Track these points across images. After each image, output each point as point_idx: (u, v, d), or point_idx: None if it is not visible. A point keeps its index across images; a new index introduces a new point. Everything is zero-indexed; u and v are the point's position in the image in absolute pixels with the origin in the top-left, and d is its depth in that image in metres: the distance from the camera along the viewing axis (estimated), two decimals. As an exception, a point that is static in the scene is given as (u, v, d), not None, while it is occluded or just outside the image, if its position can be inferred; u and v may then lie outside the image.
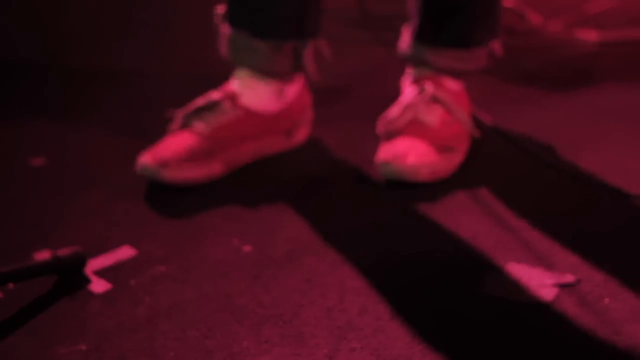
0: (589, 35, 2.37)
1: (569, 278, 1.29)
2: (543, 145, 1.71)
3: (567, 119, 1.84)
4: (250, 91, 1.66)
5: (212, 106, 1.63)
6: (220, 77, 1.69)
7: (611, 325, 1.20)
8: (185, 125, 1.62)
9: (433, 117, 1.62)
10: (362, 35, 2.34)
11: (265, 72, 1.66)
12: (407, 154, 1.56)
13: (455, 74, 1.68)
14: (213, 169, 1.60)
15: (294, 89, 1.70)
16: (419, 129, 1.60)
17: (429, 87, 1.64)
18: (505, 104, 1.90)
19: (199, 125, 1.61)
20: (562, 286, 1.28)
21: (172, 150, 1.57)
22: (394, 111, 1.63)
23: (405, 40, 1.72)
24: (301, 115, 1.72)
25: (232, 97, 1.65)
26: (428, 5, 1.67)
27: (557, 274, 1.30)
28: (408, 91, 1.67)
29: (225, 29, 1.69)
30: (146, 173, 1.56)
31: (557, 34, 2.41)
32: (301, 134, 1.73)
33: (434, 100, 1.63)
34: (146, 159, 1.56)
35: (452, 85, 1.68)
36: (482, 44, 1.68)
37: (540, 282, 1.29)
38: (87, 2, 2.69)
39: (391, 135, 1.61)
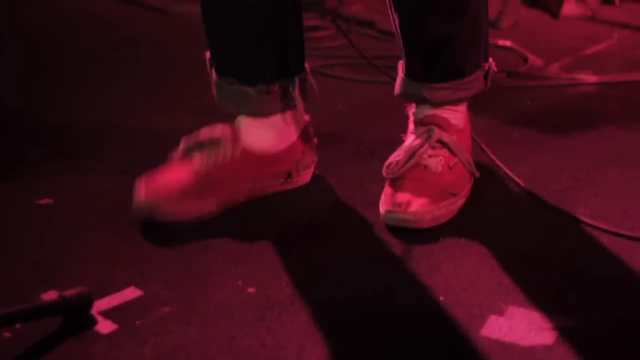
0: (589, 78, 2.40)
1: (569, 321, 1.30)
2: (543, 187, 1.72)
3: (567, 161, 1.85)
4: (250, 133, 1.67)
5: (212, 143, 1.64)
6: (223, 117, 1.71)
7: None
8: (187, 155, 1.64)
9: (437, 161, 1.62)
10: (365, 76, 2.36)
11: (257, 115, 1.67)
12: (410, 202, 1.56)
13: (455, 103, 1.68)
14: (206, 207, 1.60)
15: (295, 131, 1.71)
16: (422, 174, 1.60)
17: (436, 131, 1.64)
18: (507, 146, 1.92)
19: (197, 161, 1.62)
20: (562, 329, 1.28)
21: (166, 187, 1.58)
22: (398, 155, 1.63)
23: (398, 80, 1.71)
24: (303, 157, 1.72)
25: (234, 137, 1.65)
26: (413, 43, 1.66)
27: (557, 317, 1.31)
28: (412, 134, 1.67)
29: (213, 75, 1.70)
30: (140, 212, 1.58)
31: (557, 75, 2.44)
32: (304, 176, 1.74)
33: (439, 143, 1.64)
34: (140, 197, 1.57)
35: (456, 120, 1.68)
36: (475, 69, 1.68)
37: (540, 325, 1.30)
38: (87, 42, 2.71)
39: (395, 179, 1.61)
